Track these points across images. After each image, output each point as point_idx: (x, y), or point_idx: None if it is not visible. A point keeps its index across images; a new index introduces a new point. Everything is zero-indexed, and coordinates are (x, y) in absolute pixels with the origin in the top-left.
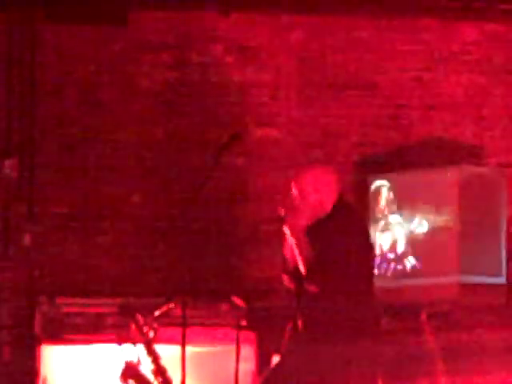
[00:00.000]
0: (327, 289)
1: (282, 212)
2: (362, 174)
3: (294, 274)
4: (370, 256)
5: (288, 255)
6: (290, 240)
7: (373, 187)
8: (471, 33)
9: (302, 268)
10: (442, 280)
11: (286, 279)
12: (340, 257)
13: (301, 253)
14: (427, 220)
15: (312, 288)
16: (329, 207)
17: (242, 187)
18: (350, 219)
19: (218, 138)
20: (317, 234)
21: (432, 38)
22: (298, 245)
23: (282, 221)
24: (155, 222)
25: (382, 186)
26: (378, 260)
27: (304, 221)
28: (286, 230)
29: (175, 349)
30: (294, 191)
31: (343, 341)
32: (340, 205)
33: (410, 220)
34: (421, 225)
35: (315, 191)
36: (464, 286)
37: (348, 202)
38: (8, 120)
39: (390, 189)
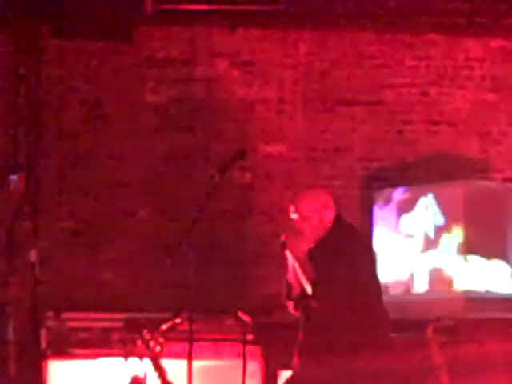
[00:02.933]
0: (332, 306)
1: (284, 237)
2: (367, 189)
3: (299, 299)
4: (374, 270)
5: (292, 279)
6: (293, 264)
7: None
8: (476, 48)
9: (308, 289)
10: (448, 294)
11: (289, 305)
12: (341, 275)
13: (305, 275)
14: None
15: (318, 305)
16: (327, 227)
17: (248, 203)
18: (349, 237)
19: (223, 153)
20: (317, 255)
21: (437, 54)
22: (302, 267)
23: (283, 246)
24: (161, 238)
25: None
26: None
27: (306, 244)
28: (289, 254)
29: (182, 363)
30: (294, 215)
31: (351, 357)
32: (338, 224)
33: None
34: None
35: (315, 213)
36: (469, 300)
37: (345, 221)
38: (14, 135)
39: None
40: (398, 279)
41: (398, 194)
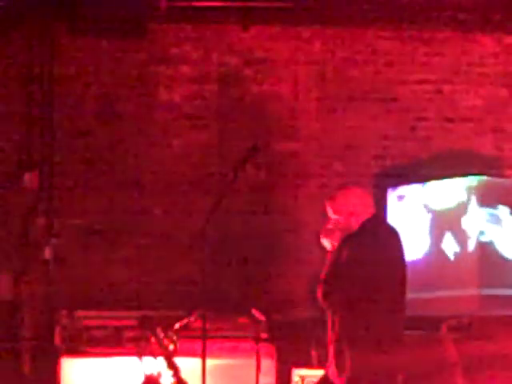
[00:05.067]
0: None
1: (321, 236)
2: (381, 186)
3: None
4: (395, 272)
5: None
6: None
7: None
8: (490, 45)
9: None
10: (463, 292)
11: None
12: (354, 269)
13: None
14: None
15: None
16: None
17: (263, 199)
18: (373, 235)
19: (237, 151)
20: (342, 248)
21: (451, 50)
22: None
23: (323, 247)
24: (175, 236)
25: None
26: None
27: (338, 237)
28: (326, 243)
29: (195, 362)
30: (329, 211)
31: (366, 352)
32: (370, 222)
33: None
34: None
35: (343, 214)
36: (484, 298)
37: (379, 220)
38: (28, 133)
39: None
40: (412, 274)
41: (412, 191)
